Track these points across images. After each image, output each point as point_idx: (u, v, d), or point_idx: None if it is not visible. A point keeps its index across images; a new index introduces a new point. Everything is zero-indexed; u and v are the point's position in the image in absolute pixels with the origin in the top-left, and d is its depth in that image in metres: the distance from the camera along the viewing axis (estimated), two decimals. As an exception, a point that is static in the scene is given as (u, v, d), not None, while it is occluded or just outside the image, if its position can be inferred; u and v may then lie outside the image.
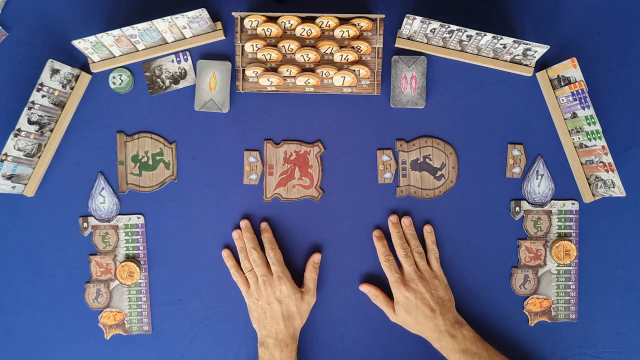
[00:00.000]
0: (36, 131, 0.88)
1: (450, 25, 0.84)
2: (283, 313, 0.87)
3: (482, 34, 0.84)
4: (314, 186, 0.93)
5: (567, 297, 0.93)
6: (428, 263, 0.90)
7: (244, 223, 0.92)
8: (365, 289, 0.92)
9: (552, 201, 0.92)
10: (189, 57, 0.92)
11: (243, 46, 0.90)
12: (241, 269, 0.92)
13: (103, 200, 0.93)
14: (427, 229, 0.91)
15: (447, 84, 0.92)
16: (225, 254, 0.92)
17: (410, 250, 0.90)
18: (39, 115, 0.88)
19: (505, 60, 0.90)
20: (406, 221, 0.91)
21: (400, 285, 0.88)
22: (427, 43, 0.90)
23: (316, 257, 0.92)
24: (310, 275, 0.91)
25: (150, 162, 0.93)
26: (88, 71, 0.92)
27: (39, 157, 0.91)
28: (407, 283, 0.88)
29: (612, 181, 0.86)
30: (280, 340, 0.87)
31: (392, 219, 0.91)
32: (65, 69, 0.89)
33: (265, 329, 0.88)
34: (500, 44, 0.86)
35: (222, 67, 0.92)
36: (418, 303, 0.86)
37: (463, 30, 0.84)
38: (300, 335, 0.93)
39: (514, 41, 0.84)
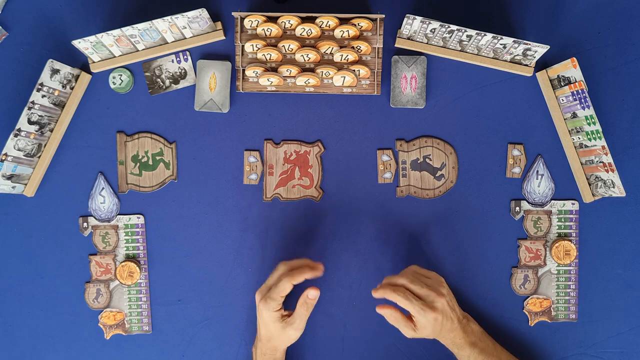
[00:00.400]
0: (36, 131, 0.89)
1: (450, 25, 0.84)
2: (261, 329, 0.86)
3: (482, 34, 0.84)
4: (314, 186, 0.93)
5: (567, 297, 0.93)
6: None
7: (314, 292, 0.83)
8: (385, 312, 0.83)
9: (552, 201, 0.92)
10: (189, 57, 0.92)
11: (243, 46, 0.90)
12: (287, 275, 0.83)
13: (103, 200, 0.93)
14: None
15: (447, 84, 0.92)
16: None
17: (410, 282, 0.83)
18: (39, 115, 0.88)
19: (505, 60, 0.90)
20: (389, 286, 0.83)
21: (427, 310, 0.81)
22: (427, 43, 0.90)
23: (311, 293, 0.82)
24: (301, 310, 0.83)
25: (150, 162, 0.93)
26: (88, 71, 0.92)
27: (39, 157, 0.91)
28: (432, 304, 0.81)
29: (612, 181, 0.86)
30: (260, 347, 0.87)
31: (375, 294, 0.83)
32: (65, 69, 0.89)
33: (257, 331, 0.88)
34: (500, 44, 0.86)
35: (222, 67, 0.92)
36: (443, 320, 0.82)
37: (463, 30, 0.84)
38: (301, 336, 0.92)
39: (514, 41, 0.84)
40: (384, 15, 0.88)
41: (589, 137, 0.87)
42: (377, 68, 0.90)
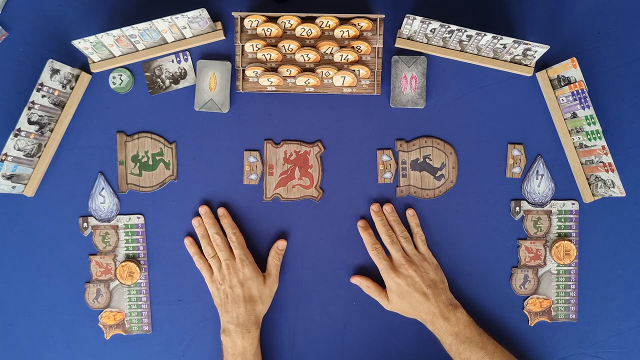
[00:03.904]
0: (36, 131, 0.89)
1: (450, 25, 0.84)
2: (245, 296, 0.88)
3: (482, 34, 0.84)
4: (314, 186, 0.93)
5: (567, 297, 0.93)
6: (415, 247, 0.91)
7: (203, 209, 0.92)
8: (357, 280, 0.92)
9: (552, 201, 0.92)
10: (189, 57, 0.92)
11: (243, 46, 0.90)
12: (204, 256, 0.92)
13: (103, 200, 0.93)
14: (410, 213, 0.92)
15: (447, 84, 0.92)
16: (188, 241, 0.92)
17: (396, 236, 0.90)
18: (39, 115, 0.88)
19: (505, 60, 0.90)
20: (388, 208, 0.91)
21: (390, 271, 0.88)
22: (427, 43, 0.90)
23: (280, 244, 0.92)
24: (273, 261, 0.91)
25: (150, 162, 0.93)
26: (88, 71, 0.92)
27: (39, 157, 0.91)
28: (397, 269, 0.88)
29: (612, 181, 0.86)
30: (242, 324, 0.87)
31: (374, 207, 0.91)
32: (65, 69, 0.89)
33: (227, 313, 0.88)
34: (500, 44, 0.86)
35: (222, 67, 0.92)
36: (409, 288, 0.87)
37: (463, 30, 0.84)
38: (301, 336, 0.93)
39: (514, 41, 0.84)
40: (384, 15, 0.88)
41: (589, 137, 0.87)
42: (377, 68, 0.90)
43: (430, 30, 0.87)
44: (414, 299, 0.87)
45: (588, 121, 0.86)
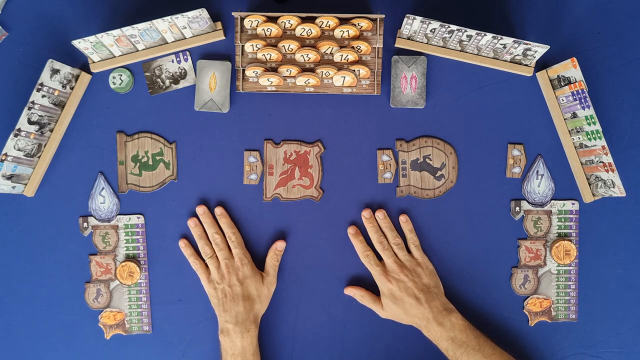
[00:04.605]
0: (36, 131, 0.89)
1: (450, 25, 0.84)
2: (243, 294, 0.88)
3: (482, 34, 0.84)
4: (314, 186, 0.93)
5: (567, 297, 0.93)
6: (409, 252, 0.91)
7: (201, 209, 0.92)
8: (350, 291, 0.92)
9: (552, 201, 0.92)
10: (189, 57, 0.92)
11: (243, 46, 0.90)
12: (200, 257, 0.92)
13: (103, 200, 0.93)
14: (402, 219, 0.91)
15: (447, 84, 0.92)
16: (183, 243, 0.92)
17: (388, 242, 0.90)
18: (39, 115, 0.88)
19: (505, 60, 0.90)
20: (380, 214, 0.91)
21: (382, 276, 0.88)
22: (427, 43, 0.90)
23: (279, 245, 0.92)
24: (271, 262, 0.91)
25: (150, 162, 0.93)
26: (88, 71, 0.92)
27: (39, 157, 0.91)
28: (389, 274, 0.88)
29: (612, 181, 0.86)
30: (240, 323, 0.87)
31: (366, 213, 0.91)
32: (65, 69, 0.89)
33: (226, 312, 0.88)
34: (500, 44, 0.86)
35: (222, 67, 0.92)
36: (402, 294, 0.87)
37: (463, 30, 0.84)
38: (301, 336, 0.93)
39: (514, 41, 0.84)
40: (384, 15, 0.88)
41: (589, 137, 0.87)
42: (377, 68, 0.90)
43: (430, 30, 0.87)
44: (407, 304, 0.87)
45: (588, 121, 0.86)
